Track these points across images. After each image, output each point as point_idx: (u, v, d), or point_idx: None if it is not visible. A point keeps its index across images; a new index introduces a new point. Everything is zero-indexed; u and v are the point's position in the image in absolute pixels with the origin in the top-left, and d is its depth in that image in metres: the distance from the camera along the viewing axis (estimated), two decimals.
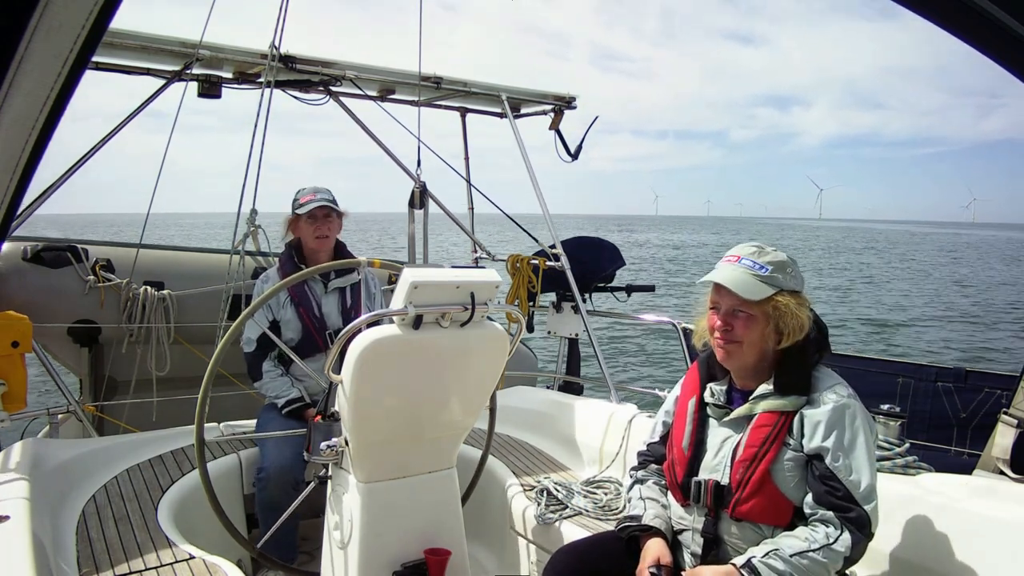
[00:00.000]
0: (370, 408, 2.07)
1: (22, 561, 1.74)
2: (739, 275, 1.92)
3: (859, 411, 1.89)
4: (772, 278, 1.92)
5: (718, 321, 1.96)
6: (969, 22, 1.19)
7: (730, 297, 1.92)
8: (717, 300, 1.98)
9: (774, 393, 1.92)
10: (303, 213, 3.08)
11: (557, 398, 3.76)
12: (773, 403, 1.91)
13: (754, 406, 1.94)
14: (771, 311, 1.91)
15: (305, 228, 3.11)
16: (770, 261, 1.94)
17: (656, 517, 2.03)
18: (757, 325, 1.92)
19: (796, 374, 1.93)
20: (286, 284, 2.51)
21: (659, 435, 2.22)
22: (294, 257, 3.14)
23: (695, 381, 2.11)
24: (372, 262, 2.51)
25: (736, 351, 1.95)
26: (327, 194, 3.14)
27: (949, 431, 4.31)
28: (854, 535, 1.77)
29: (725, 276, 1.93)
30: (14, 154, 0.94)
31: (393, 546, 2.19)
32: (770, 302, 1.91)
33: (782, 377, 1.93)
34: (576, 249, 4.47)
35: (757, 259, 1.95)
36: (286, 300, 3.05)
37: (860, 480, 1.81)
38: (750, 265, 1.94)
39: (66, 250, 3.59)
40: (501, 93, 4.42)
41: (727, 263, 1.98)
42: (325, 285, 3.13)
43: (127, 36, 3.21)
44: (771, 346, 1.94)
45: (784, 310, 1.91)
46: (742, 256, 1.97)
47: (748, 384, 2.00)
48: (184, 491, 2.66)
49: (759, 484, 1.86)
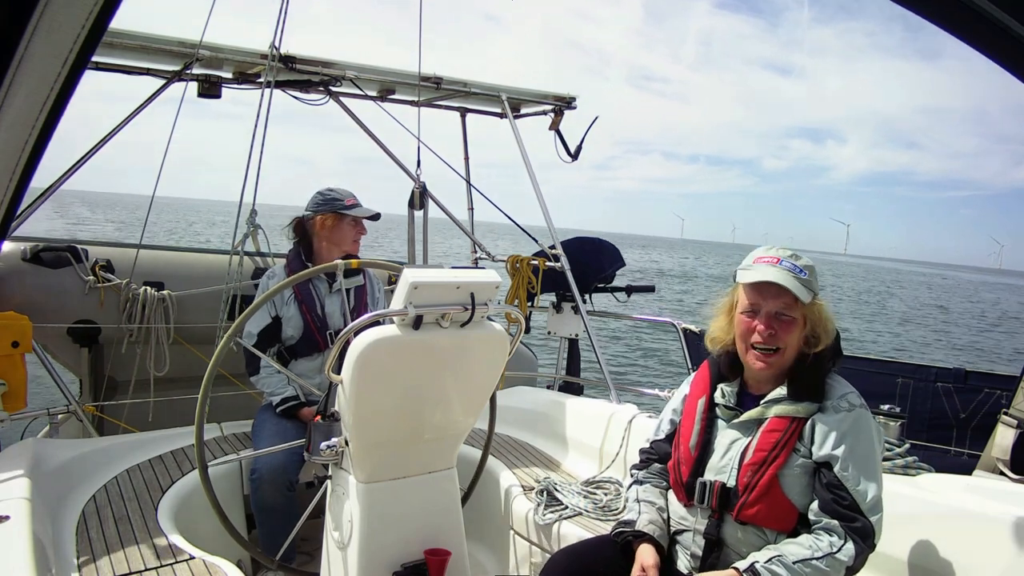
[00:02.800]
0: (370, 408, 2.07)
1: (22, 561, 1.74)
2: (788, 276, 1.85)
3: (870, 421, 1.88)
4: (810, 282, 1.88)
5: (760, 325, 1.88)
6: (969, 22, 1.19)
7: (779, 299, 1.86)
8: (758, 302, 1.89)
9: (787, 398, 1.90)
10: (352, 215, 3.14)
11: (557, 398, 3.75)
12: (786, 408, 1.89)
13: (766, 410, 1.91)
14: (813, 315, 1.88)
15: (347, 230, 3.16)
16: (806, 265, 1.90)
17: (650, 523, 2.01)
18: (798, 329, 1.88)
19: (811, 380, 1.90)
20: (289, 283, 2.51)
21: (664, 433, 2.19)
22: (302, 255, 3.16)
23: (705, 380, 2.09)
24: (349, 263, 2.52)
25: (777, 357, 1.89)
26: (360, 201, 3.21)
27: (949, 431, 4.31)
28: (857, 545, 1.76)
29: (776, 275, 1.85)
30: (14, 154, 0.94)
31: (393, 546, 2.19)
32: (813, 306, 1.88)
33: (796, 382, 1.91)
34: (576, 250, 4.47)
35: (796, 262, 1.89)
36: (290, 297, 3.07)
37: (867, 491, 1.80)
38: (791, 267, 1.87)
39: (66, 250, 3.58)
40: (501, 93, 4.41)
41: (766, 264, 1.89)
42: (330, 285, 3.14)
43: (127, 36, 3.21)
44: (806, 351, 1.91)
45: (820, 314, 1.89)
46: (781, 258, 1.90)
47: (762, 388, 1.97)
48: (184, 491, 2.66)
49: (766, 488, 1.85)
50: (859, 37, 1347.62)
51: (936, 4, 1.23)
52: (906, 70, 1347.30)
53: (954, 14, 1.20)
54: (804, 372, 1.92)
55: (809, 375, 1.91)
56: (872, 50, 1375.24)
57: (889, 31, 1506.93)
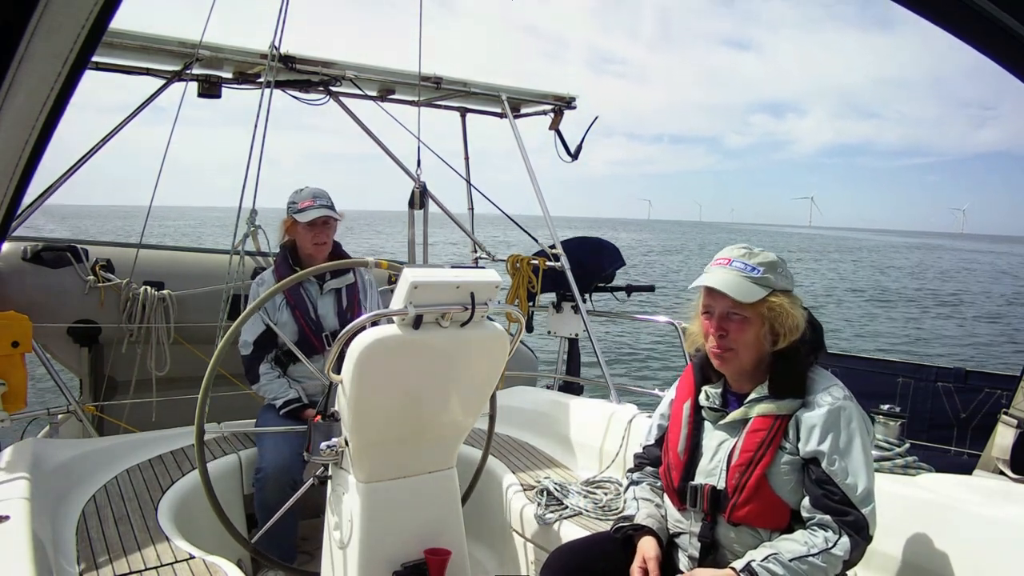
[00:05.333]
0: (370, 408, 2.07)
1: (22, 561, 1.74)
2: (731, 278, 1.90)
3: (855, 412, 1.87)
4: (764, 279, 1.90)
5: (712, 327, 1.94)
6: (968, 21, 1.19)
7: (724, 300, 1.90)
8: (710, 304, 1.95)
9: (769, 396, 1.90)
10: (302, 221, 3.06)
11: (557, 398, 3.76)
12: (768, 407, 1.89)
13: (749, 410, 1.92)
14: (766, 312, 1.89)
15: (303, 234, 3.08)
16: (761, 262, 1.92)
17: (649, 516, 2.03)
18: (752, 327, 1.90)
19: (791, 376, 1.91)
20: (282, 287, 2.50)
21: (655, 438, 2.21)
22: (289, 259, 3.11)
23: (690, 384, 2.09)
24: (379, 263, 2.50)
25: (732, 356, 1.92)
26: (325, 199, 3.10)
27: (949, 431, 4.31)
28: (852, 539, 1.76)
29: (717, 279, 1.90)
30: (14, 154, 0.94)
31: (393, 546, 2.19)
32: (764, 303, 1.89)
33: (777, 380, 1.91)
34: (576, 249, 4.47)
35: (748, 260, 1.92)
36: (282, 303, 3.04)
37: (857, 483, 1.80)
38: (742, 267, 1.91)
39: (66, 250, 3.59)
40: (501, 93, 4.42)
41: (718, 266, 1.95)
42: (320, 287, 3.11)
43: (127, 36, 3.21)
44: (767, 348, 1.92)
45: (779, 310, 1.89)
46: (733, 259, 1.94)
47: (743, 387, 1.98)
48: (184, 491, 2.66)
49: (755, 489, 1.85)
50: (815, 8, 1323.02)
51: (936, 4, 1.23)
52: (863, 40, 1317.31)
53: (954, 14, 1.20)
54: (784, 369, 1.92)
55: (789, 371, 1.91)
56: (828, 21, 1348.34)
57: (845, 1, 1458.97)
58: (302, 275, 2.59)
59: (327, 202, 3.10)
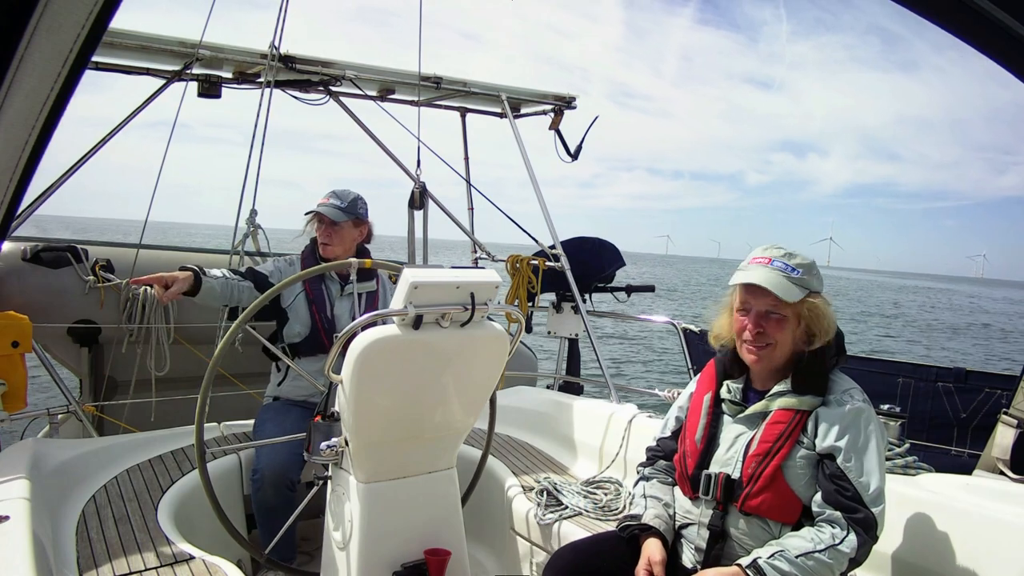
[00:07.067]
0: (370, 408, 2.07)
1: (22, 561, 1.74)
2: (774, 276, 1.92)
3: (873, 417, 1.91)
4: (803, 280, 1.93)
5: (749, 323, 1.95)
6: (968, 21, 1.19)
7: (765, 299, 1.92)
8: (749, 301, 1.96)
9: (791, 392, 1.93)
10: (309, 213, 3.09)
11: (557, 398, 3.75)
12: (789, 401, 1.92)
13: (770, 403, 1.95)
14: (805, 312, 1.92)
15: (317, 228, 3.11)
16: (800, 263, 1.95)
17: (656, 517, 2.03)
18: (789, 326, 1.93)
19: (814, 375, 1.94)
20: (282, 287, 2.49)
21: (671, 430, 2.22)
22: (316, 252, 3.13)
23: (711, 377, 2.12)
24: (364, 262, 2.50)
25: (768, 352, 1.95)
26: (339, 198, 3.08)
27: (949, 431, 4.31)
28: (860, 537, 1.78)
29: (760, 277, 1.92)
30: (14, 154, 0.94)
31: (393, 546, 2.19)
32: (804, 303, 1.92)
33: (800, 377, 1.94)
34: (576, 249, 4.47)
35: (788, 261, 1.95)
36: (301, 292, 3.04)
37: (870, 482, 1.82)
38: (783, 267, 1.94)
39: (66, 250, 3.58)
40: (501, 93, 4.42)
41: (758, 264, 1.97)
42: (342, 287, 3.11)
43: (127, 36, 3.22)
44: (802, 348, 1.95)
45: (816, 312, 1.93)
46: (774, 258, 1.96)
47: (766, 384, 2.01)
48: (184, 491, 2.66)
49: (770, 479, 1.87)
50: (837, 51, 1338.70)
51: (936, 4, 1.23)
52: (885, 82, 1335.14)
53: (954, 14, 1.20)
54: (808, 367, 1.95)
55: (813, 370, 1.95)
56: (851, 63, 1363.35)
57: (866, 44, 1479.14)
58: (303, 275, 2.58)
59: (340, 203, 3.07)
